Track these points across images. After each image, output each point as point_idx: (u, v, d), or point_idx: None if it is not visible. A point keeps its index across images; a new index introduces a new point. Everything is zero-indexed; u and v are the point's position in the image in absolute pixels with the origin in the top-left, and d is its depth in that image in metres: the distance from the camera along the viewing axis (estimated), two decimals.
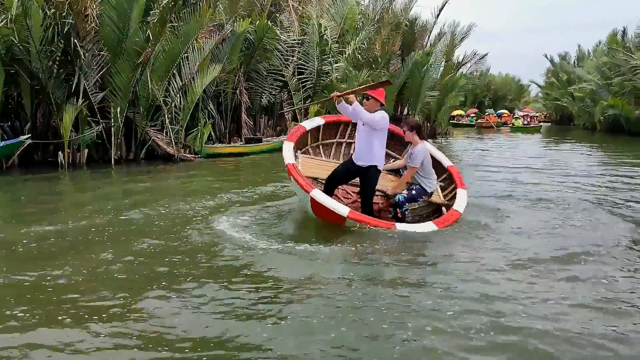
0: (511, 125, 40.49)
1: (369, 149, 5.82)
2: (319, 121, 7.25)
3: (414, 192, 6.16)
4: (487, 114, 49.35)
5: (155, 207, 7.27)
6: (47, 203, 8.23)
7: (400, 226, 5.60)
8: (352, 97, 5.83)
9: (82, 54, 12.69)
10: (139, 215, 6.78)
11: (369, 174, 5.86)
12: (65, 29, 12.54)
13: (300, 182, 5.65)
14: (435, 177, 6.43)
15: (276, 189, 8.96)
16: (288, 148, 6.20)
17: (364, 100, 5.95)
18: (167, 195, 8.66)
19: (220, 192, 8.56)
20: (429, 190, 6.22)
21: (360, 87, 6.20)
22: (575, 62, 49.53)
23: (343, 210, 5.49)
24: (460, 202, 6.20)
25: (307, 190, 5.56)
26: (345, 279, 4.29)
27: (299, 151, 6.80)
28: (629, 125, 29.12)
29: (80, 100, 12.77)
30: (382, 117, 5.76)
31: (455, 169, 6.92)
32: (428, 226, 5.68)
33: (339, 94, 5.79)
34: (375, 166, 5.85)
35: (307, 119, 18.53)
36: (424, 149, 6.18)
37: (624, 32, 32.87)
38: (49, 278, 4.26)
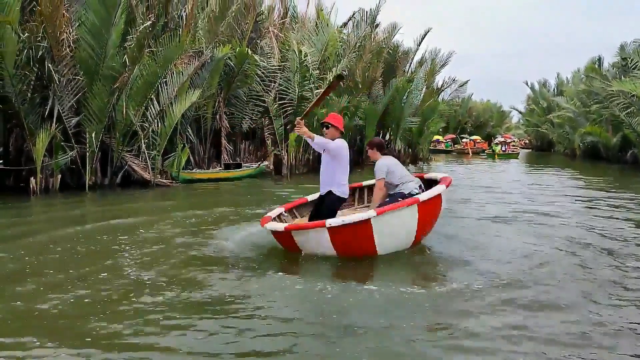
0: (491, 151, 39.93)
1: (331, 176, 5.90)
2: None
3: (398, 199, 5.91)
4: (464, 140, 49.64)
5: (115, 235, 7.17)
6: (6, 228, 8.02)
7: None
8: (309, 133, 5.75)
9: (56, 78, 12.52)
10: (96, 245, 6.63)
11: (326, 199, 5.95)
12: (40, 53, 12.39)
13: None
14: (414, 179, 6.20)
15: (245, 217, 8.78)
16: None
17: (324, 130, 6.03)
18: (131, 223, 8.39)
19: (189, 219, 8.47)
20: (406, 192, 5.97)
21: (317, 99, 6.15)
22: (555, 89, 50.37)
23: (279, 226, 5.63)
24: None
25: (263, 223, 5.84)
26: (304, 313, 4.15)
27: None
28: (606, 152, 29.51)
29: (54, 125, 12.56)
30: (342, 144, 5.90)
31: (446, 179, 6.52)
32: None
33: (299, 118, 5.80)
34: (331, 191, 5.89)
35: (287, 144, 18.52)
36: (383, 160, 6.14)
37: (600, 61, 33.30)
38: None
